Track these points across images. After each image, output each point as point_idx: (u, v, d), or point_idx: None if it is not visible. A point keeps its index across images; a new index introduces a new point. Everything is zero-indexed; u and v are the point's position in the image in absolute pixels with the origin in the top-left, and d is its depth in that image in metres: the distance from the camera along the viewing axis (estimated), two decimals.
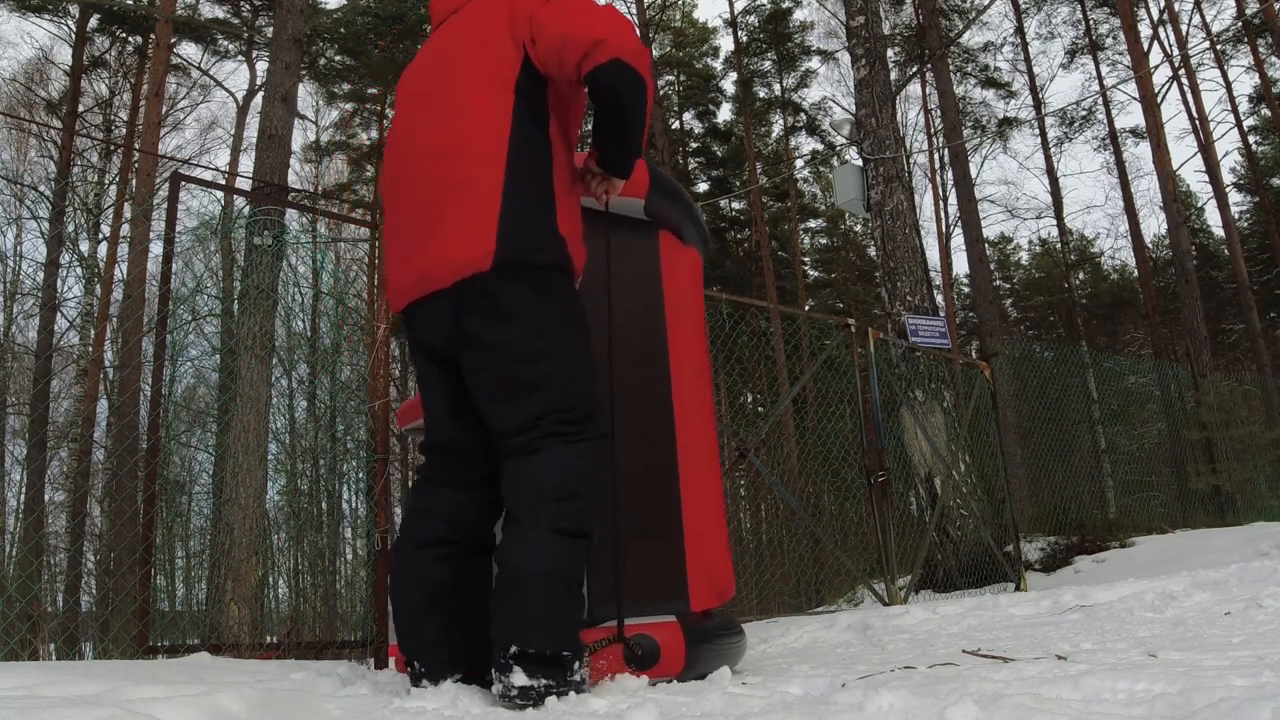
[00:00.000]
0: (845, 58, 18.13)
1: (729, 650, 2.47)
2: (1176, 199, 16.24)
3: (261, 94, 12.69)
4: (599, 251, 2.27)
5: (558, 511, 1.76)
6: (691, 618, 2.36)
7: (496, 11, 1.96)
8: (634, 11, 22.01)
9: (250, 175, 6.54)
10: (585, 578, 1.84)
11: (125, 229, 17.11)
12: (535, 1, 1.91)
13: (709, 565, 2.46)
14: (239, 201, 8.42)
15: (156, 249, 14.26)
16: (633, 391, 2.35)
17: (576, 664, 1.75)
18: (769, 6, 24.10)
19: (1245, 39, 20.63)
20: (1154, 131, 16.09)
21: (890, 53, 17.11)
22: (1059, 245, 24.76)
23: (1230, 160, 25.70)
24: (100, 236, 17.98)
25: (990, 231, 25.74)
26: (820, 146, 25.78)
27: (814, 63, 24.87)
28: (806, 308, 22.60)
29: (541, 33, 1.87)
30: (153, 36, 15.97)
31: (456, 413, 1.97)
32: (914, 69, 20.65)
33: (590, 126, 2.03)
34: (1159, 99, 17.96)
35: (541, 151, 1.92)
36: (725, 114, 26.64)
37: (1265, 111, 21.86)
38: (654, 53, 22.88)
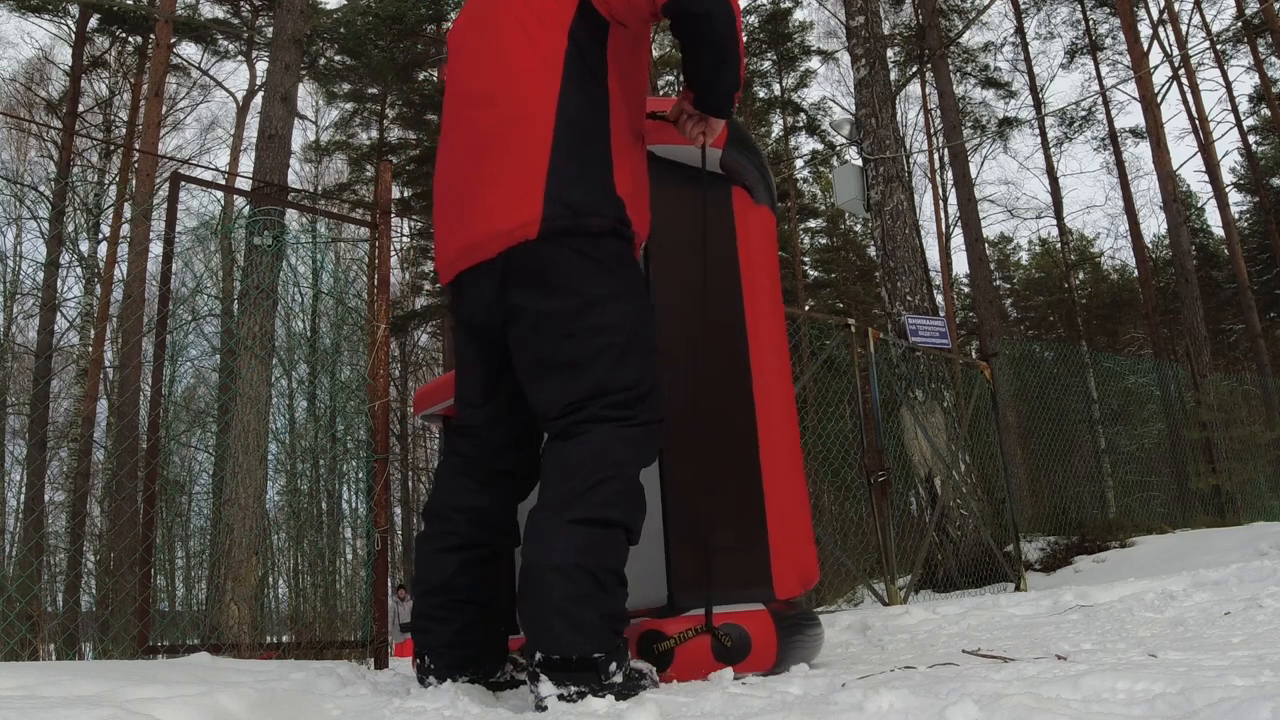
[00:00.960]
0: (845, 58, 18.14)
1: (813, 643, 2.27)
2: (1176, 199, 16.25)
3: (261, 94, 12.68)
4: (674, 210, 2.12)
5: (586, 499, 1.59)
6: (778, 606, 2.16)
7: None
8: None
9: (250, 175, 6.54)
10: (623, 570, 1.67)
11: (125, 229, 17.13)
12: None
13: (793, 549, 2.25)
14: (239, 201, 8.42)
15: (156, 249, 14.27)
16: (709, 364, 2.18)
17: (614, 665, 1.56)
18: (769, 6, 24.11)
19: (1245, 39, 20.64)
20: (1154, 131, 16.10)
21: (890, 53, 17.12)
22: (1059, 245, 24.78)
23: (1230, 160, 25.74)
24: (100, 236, 17.99)
25: (990, 231, 25.78)
26: (820, 146, 25.81)
27: (814, 63, 24.92)
28: (806, 308, 22.59)
29: None
30: (153, 36, 15.97)
31: (490, 397, 1.83)
32: (914, 69, 20.66)
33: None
34: (1159, 99, 17.98)
35: (599, 104, 1.75)
36: None
37: (1265, 111, 21.86)
38: (654, 53, 22.88)
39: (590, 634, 1.53)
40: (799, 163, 26.24)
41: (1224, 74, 21.51)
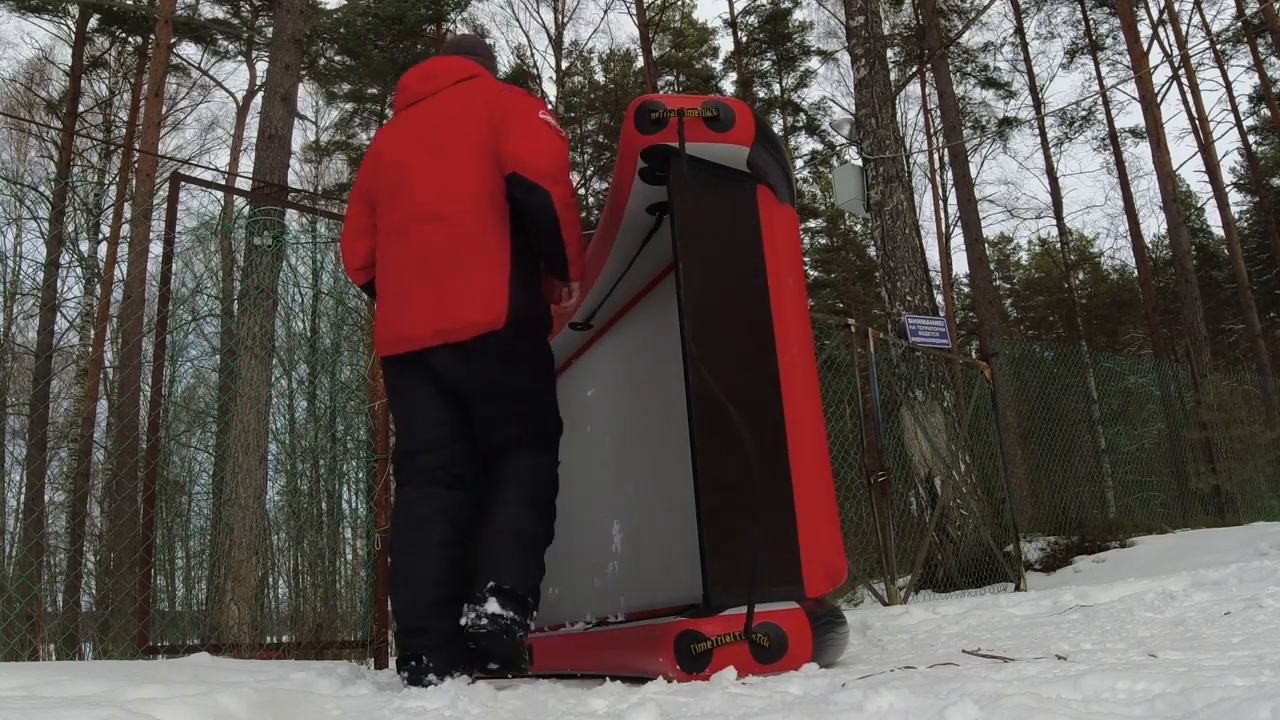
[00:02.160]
0: (845, 58, 18.14)
1: (842, 640, 2.26)
2: (1176, 199, 16.25)
3: (261, 94, 12.68)
4: (704, 208, 2.15)
5: (534, 495, 2.27)
6: (810, 604, 2.15)
7: (476, 105, 2.35)
8: (634, 13, 22.03)
9: (250, 175, 6.54)
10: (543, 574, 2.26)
11: (125, 229, 17.13)
12: (507, 108, 2.32)
13: (822, 546, 2.23)
14: (239, 201, 8.42)
15: (156, 249, 14.27)
16: (739, 362, 2.22)
17: (534, 612, 2.19)
18: (769, 6, 24.10)
19: (1245, 39, 20.64)
20: (1154, 131, 16.10)
21: (890, 53, 17.12)
22: (1059, 245, 24.78)
23: (1230, 160, 25.71)
24: (100, 237, 17.99)
25: (990, 231, 25.77)
26: (820, 146, 25.80)
27: (814, 63, 24.90)
28: None
29: (500, 144, 2.28)
30: (153, 36, 15.97)
31: (450, 420, 2.33)
32: (914, 69, 20.66)
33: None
34: (1159, 99, 17.98)
35: (523, 234, 2.33)
36: None
37: (1265, 111, 21.86)
38: (654, 53, 22.89)
39: (528, 582, 2.16)
40: (799, 163, 26.24)
41: (1224, 74, 21.52)
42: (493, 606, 2.05)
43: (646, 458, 2.96)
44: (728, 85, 26.17)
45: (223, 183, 11.11)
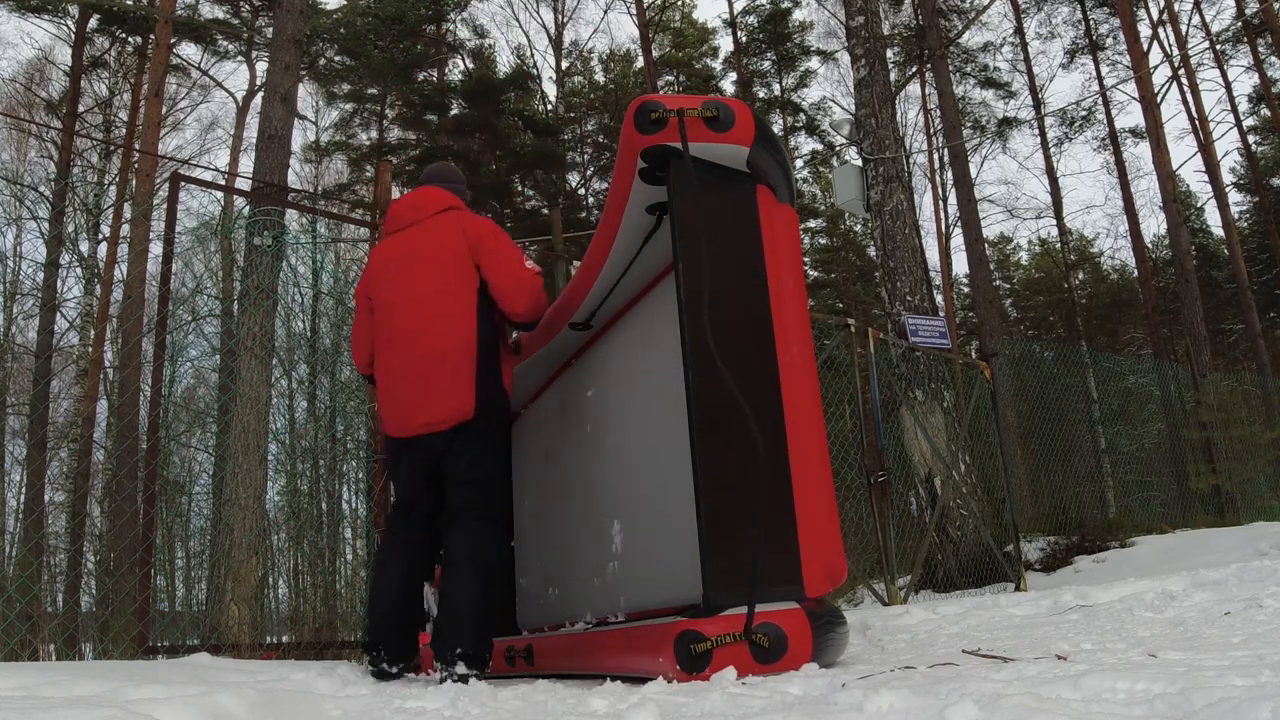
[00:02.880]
0: (845, 58, 18.13)
1: (842, 640, 2.27)
2: (1176, 199, 16.25)
3: (261, 94, 12.69)
4: (705, 208, 2.15)
5: (486, 574, 2.77)
6: (810, 604, 2.16)
7: (455, 235, 2.93)
8: (634, 13, 22.02)
9: (250, 175, 6.53)
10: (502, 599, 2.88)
11: (125, 229, 17.12)
12: (485, 243, 2.94)
13: (822, 546, 2.24)
14: (239, 202, 8.41)
15: (156, 249, 14.27)
16: (739, 362, 2.20)
17: (489, 657, 2.70)
18: (768, 7, 24.08)
19: (1245, 39, 20.63)
20: (1154, 131, 16.09)
21: (890, 53, 17.12)
22: (1059, 245, 24.77)
23: (1230, 160, 25.70)
24: (100, 237, 17.98)
25: (990, 231, 25.77)
26: (820, 146, 25.78)
27: (814, 63, 24.87)
28: None
29: (488, 277, 2.95)
30: (152, 37, 15.97)
31: (429, 489, 2.96)
32: (914, 69, 20.66)
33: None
34: (1159, 99, 17.98)
35: (493, 335, 2.96)
36: None
37: (1265, 111, 21.85)
38: (654, 53, 22.89)
39: (483, 644, 2.68)
40: (799, 163, 26.23)
41: (1224, 74, 21.51)
42: (460, 668, 2.58)
43: (646, 457, 2.96)
44: (728, 85, 26.17)
45: (223, 183, 11.11)
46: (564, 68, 24.69)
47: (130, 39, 18.75)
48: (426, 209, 3.02)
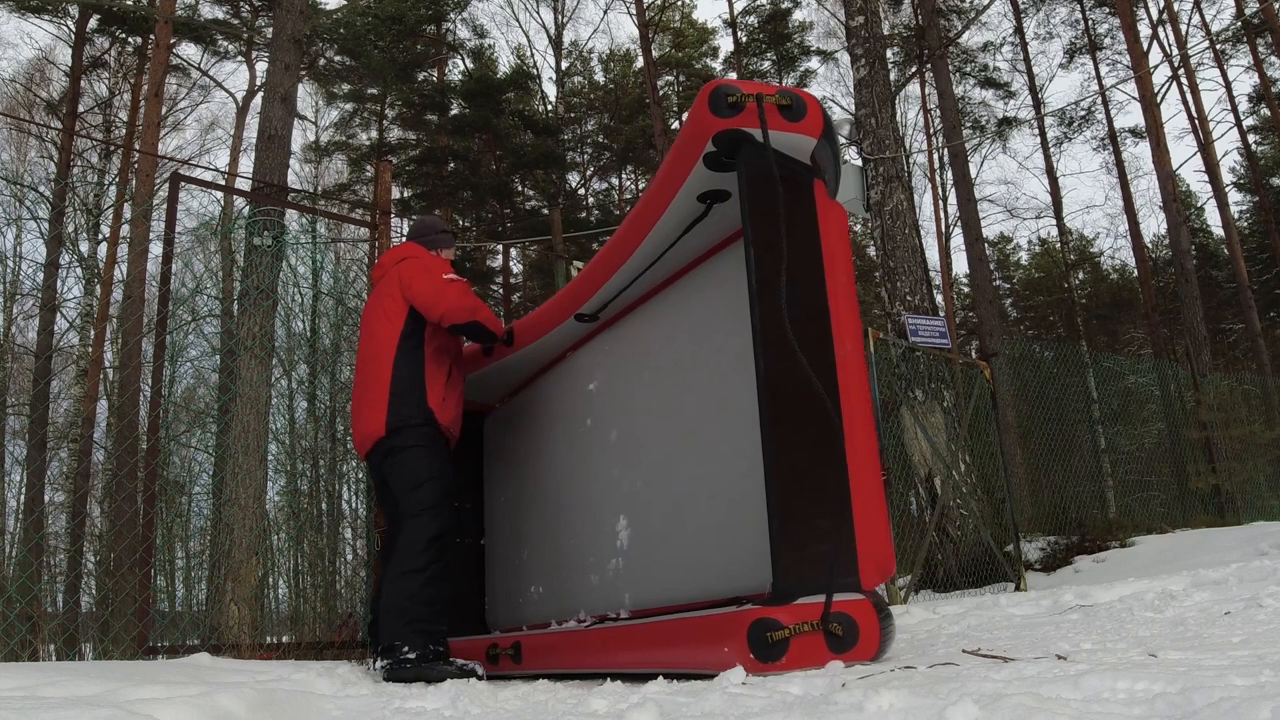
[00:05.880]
0: (845, 58, 18.12)
1: (894, 633, 2.25)
2: (1176, 199, 16.24)
3: (261, 94, 12.67)
4: (776, 206, 2.13)
5: (409, 567, 3.13)
6: (872, 595, 2.15)
7: (393, 280, 3.45)
8: (634, 13, 22.01)
9: (250, 175, 6.53)
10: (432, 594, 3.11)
11: (125, 229, 17.11)
12: (405, 273, 3.42)
13: (873, 539, 2.23)
14: (239, 202, 8.41)
15: (156, 249, 14.25)
16: (808, 351, 2.19)
17: (428, 643, 3.05)
18: (768, 7, 24.09)
19: (1245, 39, 20.63)
20: (1153, 131, 16.09)
21: (890, 53, 17.12)
22: (1059, 245, 24.77)
23: (1230, 160, 25.71)
24: (100, 237, 17.97)
25: (990, 231, 25.77)
26: None
27: (814, 63, 24.87)
28: None
29: (410, 299, 3.41)
30: (152, 37, 15.97)
31: (387, 496, 3.45)
32: (914, 69, 20.66)
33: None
34: (1158, 99, 17.97)
35: (416, 361, 3.36)
36: None
37: (1265, 111, 21.85)
38: (654, 53, 22.87)
39: (409, 639, 3.03)
40: None
41: (1224, 74, 21.51)
42: (381, 661, 3.02)
43: (665, 452, 2.92)
44: None
45: (222, 183, 11.10)
46: (564, 68, 24.69)
47: (130, 39, 18.75)
48: (388, 264, 3.57)
